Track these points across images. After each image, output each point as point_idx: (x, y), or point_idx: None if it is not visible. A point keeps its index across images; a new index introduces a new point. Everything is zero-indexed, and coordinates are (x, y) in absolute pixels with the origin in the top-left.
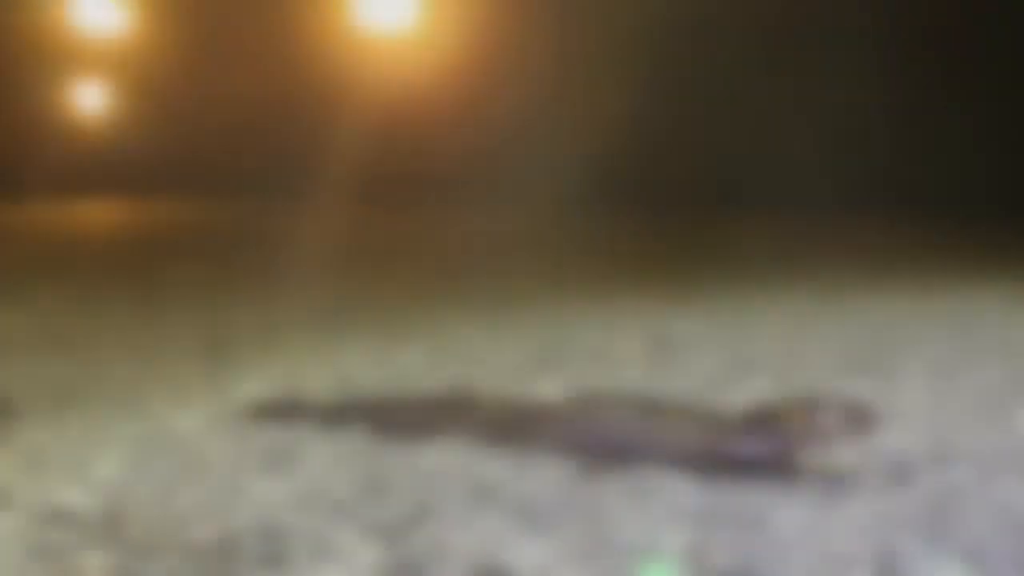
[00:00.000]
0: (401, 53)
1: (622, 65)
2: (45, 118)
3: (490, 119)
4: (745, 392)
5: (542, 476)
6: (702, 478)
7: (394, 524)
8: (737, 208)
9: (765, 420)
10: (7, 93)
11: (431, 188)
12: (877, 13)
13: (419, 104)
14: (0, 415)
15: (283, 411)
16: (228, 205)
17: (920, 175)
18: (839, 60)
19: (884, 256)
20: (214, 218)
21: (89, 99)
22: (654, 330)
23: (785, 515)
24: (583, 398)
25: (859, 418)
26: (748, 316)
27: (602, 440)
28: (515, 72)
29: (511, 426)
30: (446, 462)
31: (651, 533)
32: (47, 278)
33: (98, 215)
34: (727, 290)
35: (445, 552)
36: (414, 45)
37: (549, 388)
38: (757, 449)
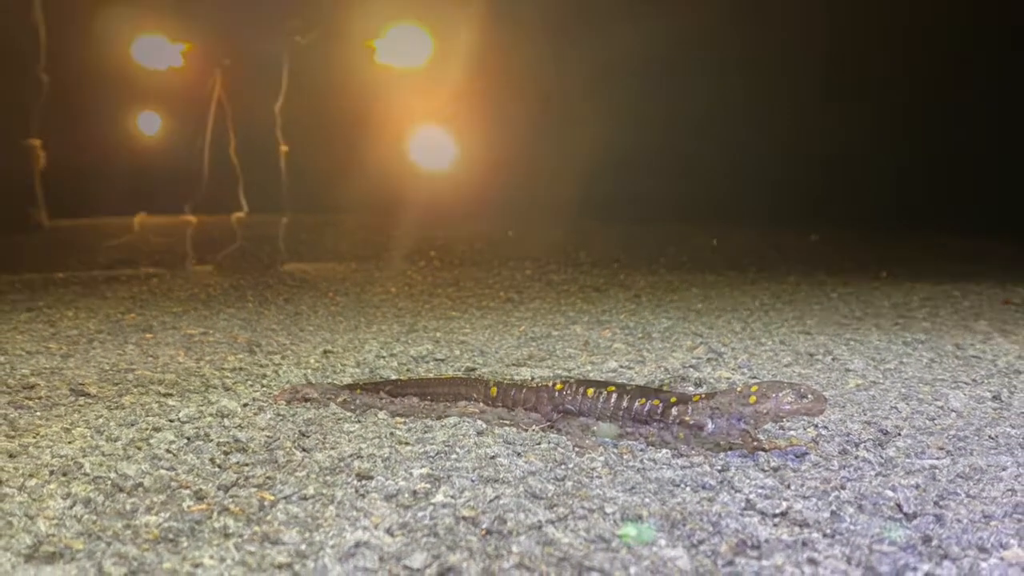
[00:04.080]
0: (415, 87)
1: (612, 93)
2: (110, 142)
3: (493, 140)
4: (714, 377)
5: (537, 450)
6: (674, 450)
7: (411, 491)
8: (709, 220)
9: (731, 401)
10: (78, 121)
11: (439, 202)
12: (848, 41)
13: (429, 129)
14: (75, 397)
15: (315, 394)
16: (265, 219)
17: (871, 191)
18: (806, 89)
19: (835, 263)
20: (253, 230)
21: (148, 125)
22: (636, 325)
23: (747, 482)
24: (572, 381)
25: (810, 400)
26: (718, 314)
27: (587, 415)
28: (516, 99)
29: (508, 404)
30: (455, 439)
31: (629, 497)
32: (112, 281)
33: (156, 227)
34: (699, 290)
35: (456, 516)
36: (426, 79)
37: (542, 374)
38: (723, 425)
